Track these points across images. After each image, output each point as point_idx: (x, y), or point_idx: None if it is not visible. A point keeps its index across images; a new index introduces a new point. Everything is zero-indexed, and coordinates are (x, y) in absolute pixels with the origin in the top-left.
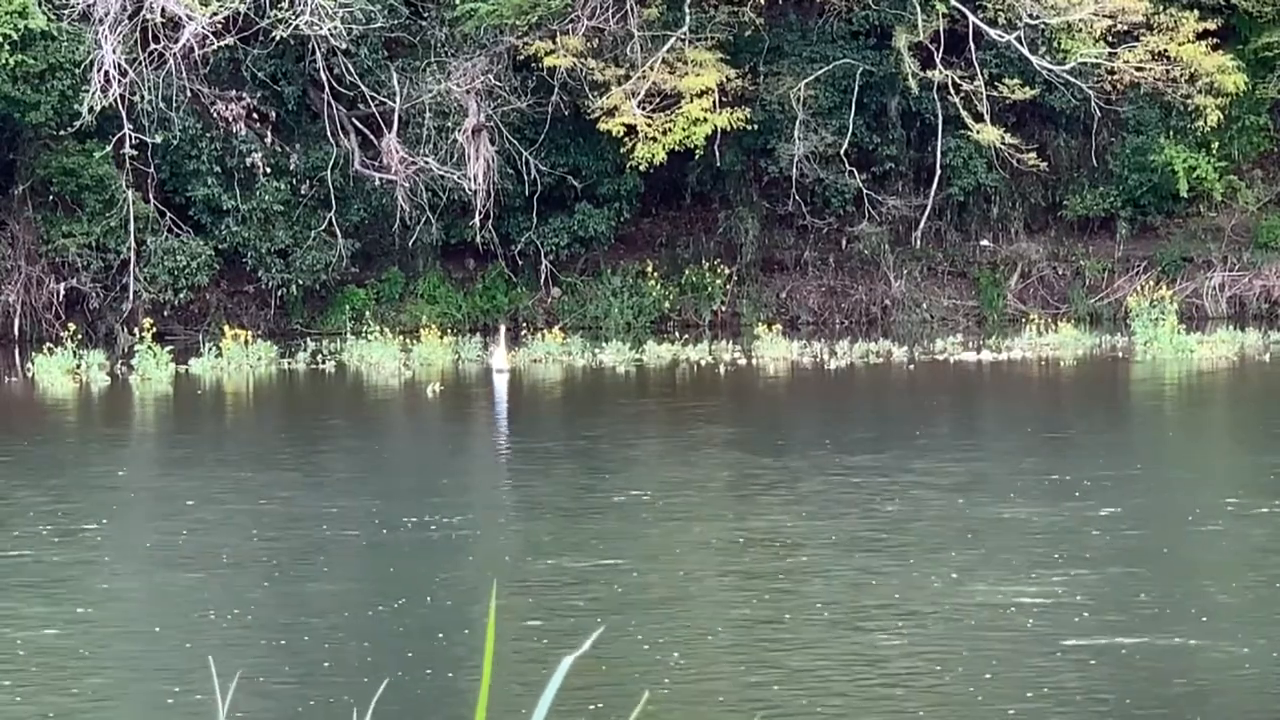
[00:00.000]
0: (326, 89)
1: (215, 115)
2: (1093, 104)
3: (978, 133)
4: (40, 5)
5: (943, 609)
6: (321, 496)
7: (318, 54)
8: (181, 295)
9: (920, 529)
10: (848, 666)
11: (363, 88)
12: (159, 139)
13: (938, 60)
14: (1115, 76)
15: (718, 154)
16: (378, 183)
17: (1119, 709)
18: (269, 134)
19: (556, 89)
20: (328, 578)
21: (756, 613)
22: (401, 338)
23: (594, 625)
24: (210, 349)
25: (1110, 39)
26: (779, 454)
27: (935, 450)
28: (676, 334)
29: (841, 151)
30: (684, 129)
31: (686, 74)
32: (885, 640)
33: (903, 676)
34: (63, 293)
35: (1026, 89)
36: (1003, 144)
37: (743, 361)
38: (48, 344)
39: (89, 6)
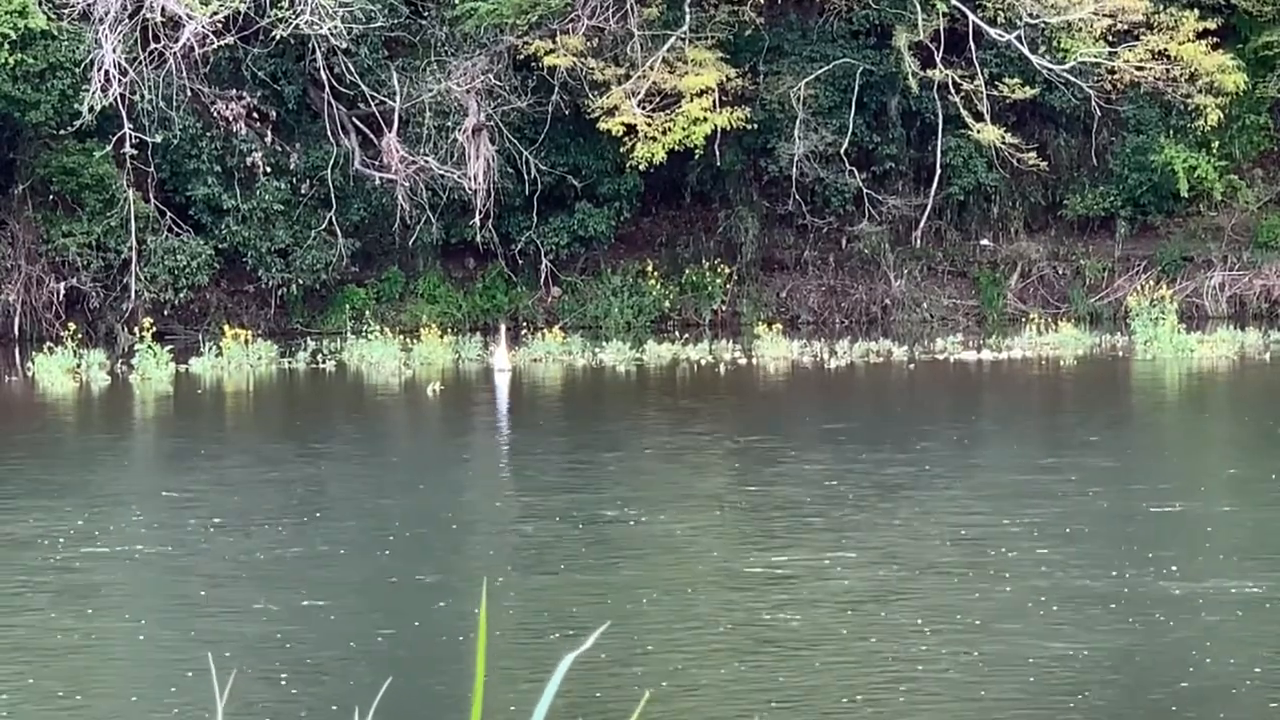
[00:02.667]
0: (326, 88)
1: (215, 115)
2: (1093, 103)
3: (978, 132)
4: (40, 5)
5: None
6: (321, 496)
7: (318, 53)
8: (182, 295)
9: (930, 529)
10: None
11: (363, 87)
12: (159, 138)
13: (938, 60)
14: (1115, 76)
15: (718, 153)
16: (378, 182)
17: None
18: (269, 133)
19: (556, 88)
20: (327, 576)
21: (757, 612)
22: (402, 337)
23: (595, 625)
24: (210, 348)
25: (1110, 38)
26: (780, 453)
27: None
28: (677, 333)
29: (841, 151)
30: (684, 128)
31: (686, 73)
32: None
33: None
34: (63, 292)
35: (1026, 88)
36: (1003, 143)
37: (743, 361)
38: (48, 343)
39: (89, 6)
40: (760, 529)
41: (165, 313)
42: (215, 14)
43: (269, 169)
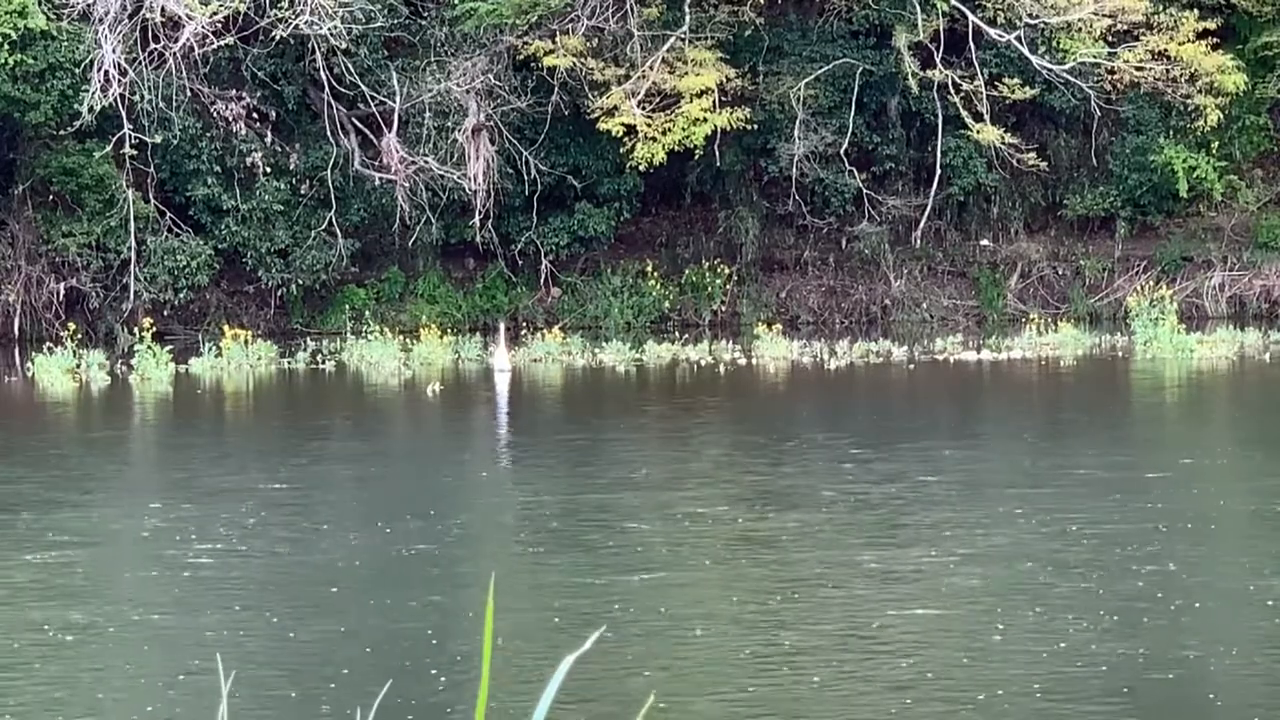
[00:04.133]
0: (326, 89)
1: (215, 115)
2: (1093, 104)
3: (978, 132)
4: (40, 5)
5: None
6: (321, 496)
7: (318, 54)
8: (181, 295)
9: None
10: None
11: (363, 87)
12: (159, 139)
13: (938, 60)
14: (1115, 76)
15: (718, 154)
16: (378, 182)
17: None
18: (269, 134)
19: (556, 89)
20: (327, 576)
21: (756, 614)
22: (401, 337)
23: (595, 625)
24: (210, 349)
25: (1110, 38)
26: (780, 453)
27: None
28: (676, 334)
29: (841, 151)
30: (684, 129)
31: (686, 74)
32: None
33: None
34: (63, 292)
35: (1026, 89)
36: (1003, 144)
37: (743, 361)
38: (48, 343)
39: (89, 6)
40: (761, 528)
41: (165, 313)
42: (215, 14)
43: (269, 169)
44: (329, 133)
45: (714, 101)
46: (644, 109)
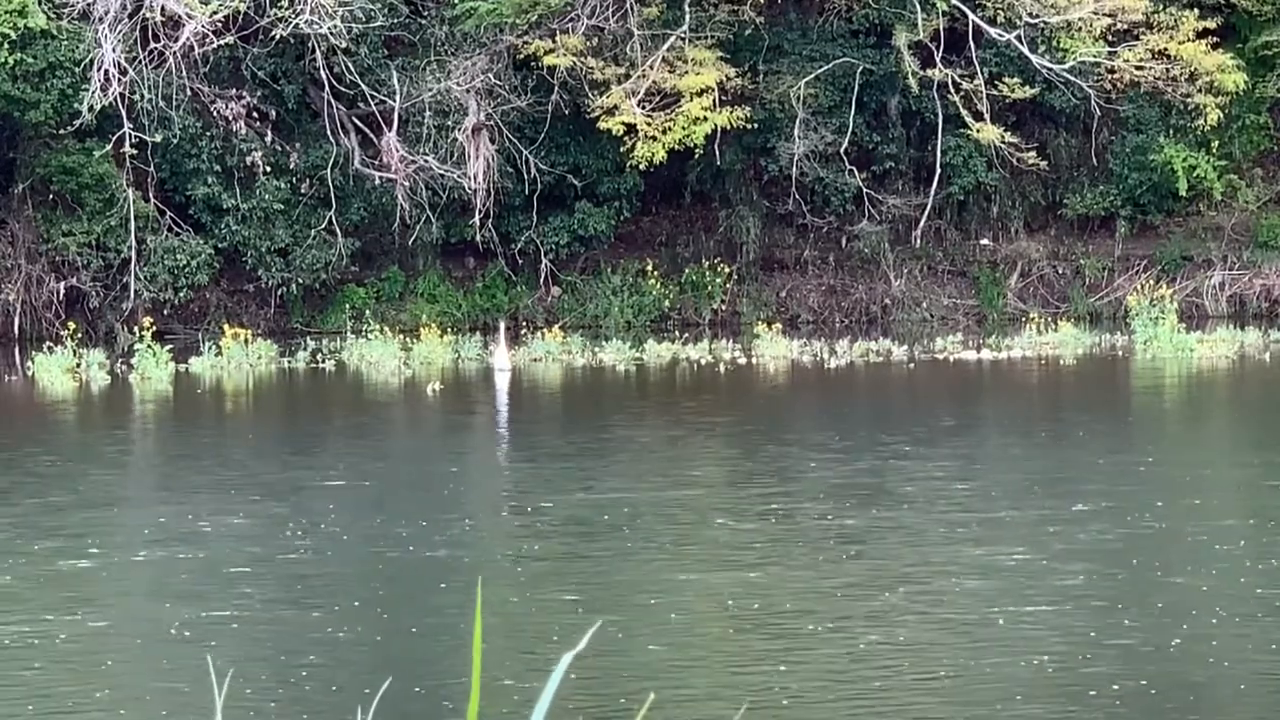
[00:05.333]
0: (326, 88)
1: (215, 114)
2: (1093, 103)
3: (978, 132)
4: (40, 4)
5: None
6: (321, 496)
7: (318, 53)
8: (181, 294)
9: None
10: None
11: (363, 86)
12: (159, 138)
13: (938, 59)
14: (1115, 75)
15: (718, 153)
16: (378, 182)
17: None
18: (269, 133)
19: (556, 88)
20: (327, 576)
21: (758, 613)
22: (401, 337)
23: (591, 623)
24: (210, 348)
25: (1110, 38)
26: (780, 453)
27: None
28: (676, 333)
29: (841, 150)
30: (684, 128)
31: (686, 73)
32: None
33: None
34: (63, 291)
35: (1026, 88)
36: (1003, 143)
37: (743, 360)
38: (48, 343)
39: (89, 5)
40: (761, 527)
41: (165, 312)
42: (215, 14)
43: (269, 168)
44: (329, 132)
45: (714, 100)
46: (644, 108)
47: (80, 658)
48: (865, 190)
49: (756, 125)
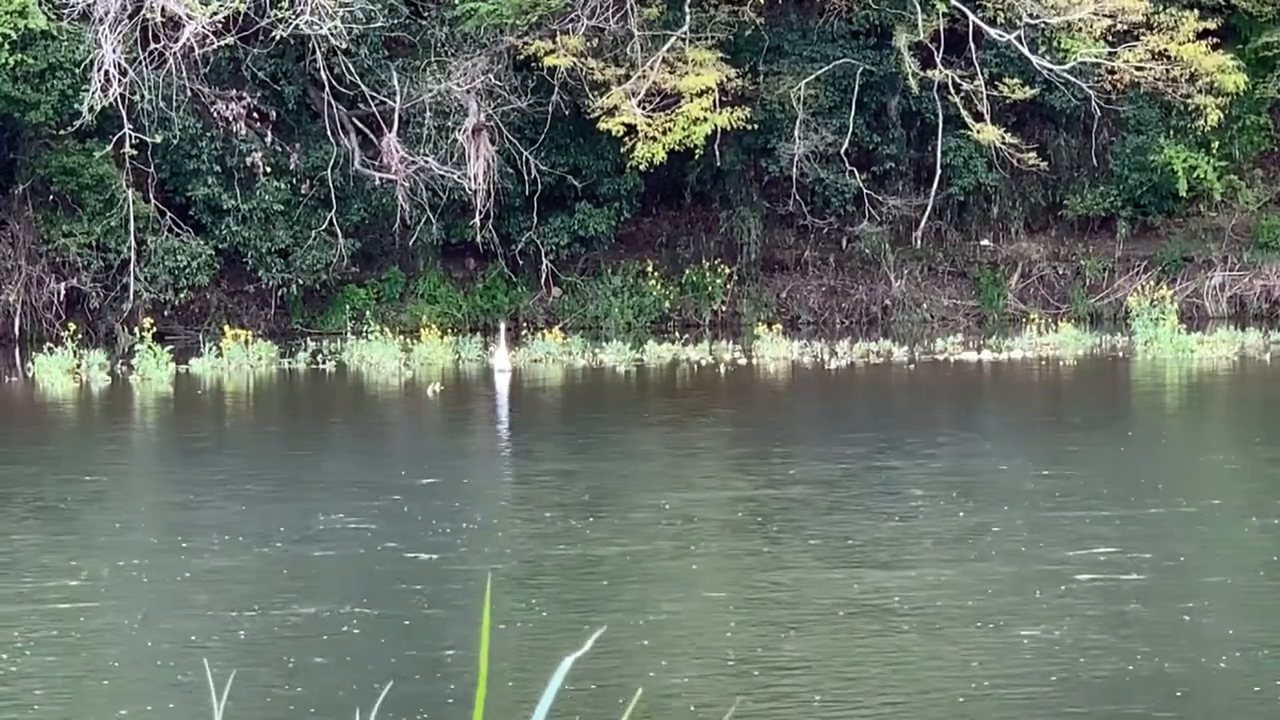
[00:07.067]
0: (326, 88)
1: (215, 115)
2: (1093, 104)
3: (978, 132)
4: (40, 5)
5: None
6: (321, 496)
7: (318, 53)
8: (182, 295)
9: (925, 531)
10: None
11: (363, 87)
12: (159, 139)
13: (938, 60)
14: (1115, 76)
15: (718, 154)
16: (378, 182)
17: None
18: (269, 134)
19: (556, 89)
20: (327, 576)
21: (756, 613)
22: (402, 337)
23: (595, 626)
24: (210, 349)
25: (1110, 38)
26: (781, 452)
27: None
28: (677, 334)
29: (842, 151)
30: (684, 128)
31: (686, 73)
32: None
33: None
34: (63, 292)
35: (1026, 89)
36: (1003, 144)
37: (743, 361)
38: (48, 344)
39: (89, 6)
40: (762, 526)
41: (165, 313)
42: (215, 14)
43: (269, 169)
44: (329, 133)
45: (714, 101)
46: (644, 109)
47: (78, 658)
48: (865, 191)
49: (757, 126)
